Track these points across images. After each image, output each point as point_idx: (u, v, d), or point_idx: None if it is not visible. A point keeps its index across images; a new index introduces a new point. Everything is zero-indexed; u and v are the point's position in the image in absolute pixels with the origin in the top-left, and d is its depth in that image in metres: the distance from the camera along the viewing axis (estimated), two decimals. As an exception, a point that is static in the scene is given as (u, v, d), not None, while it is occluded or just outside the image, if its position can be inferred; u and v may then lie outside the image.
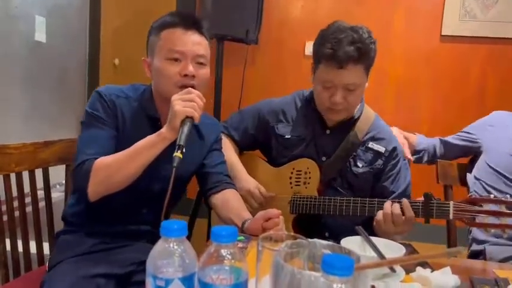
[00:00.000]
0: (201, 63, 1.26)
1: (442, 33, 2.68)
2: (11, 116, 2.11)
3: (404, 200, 1.32)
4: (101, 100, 1.27)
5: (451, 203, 1.28)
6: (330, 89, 1.41)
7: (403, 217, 1.30)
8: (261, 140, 1.63)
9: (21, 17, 2.15)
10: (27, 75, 2.23)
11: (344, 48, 1.34)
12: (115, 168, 1.18)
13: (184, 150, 1.11)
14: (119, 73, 2.86)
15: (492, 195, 1.25)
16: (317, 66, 1.44)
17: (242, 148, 1.67)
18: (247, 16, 2.47)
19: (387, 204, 1.32)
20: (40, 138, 1.45)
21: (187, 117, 1.15)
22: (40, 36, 2.29)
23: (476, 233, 1.58)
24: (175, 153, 1.09)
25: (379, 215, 1.33)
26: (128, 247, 1.30)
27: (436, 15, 2.67)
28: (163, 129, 1.18)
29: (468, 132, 1.73)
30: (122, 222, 1.30)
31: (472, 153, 1.73)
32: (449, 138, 1.77)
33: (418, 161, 1.79)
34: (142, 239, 1.35)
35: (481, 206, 1.24)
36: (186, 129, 1.13)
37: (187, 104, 1.15)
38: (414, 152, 1.77)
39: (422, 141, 1.80)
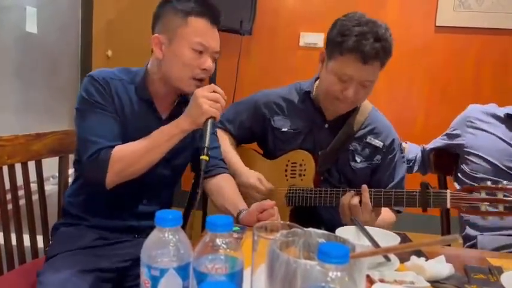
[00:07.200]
0: (214, 59, 1.30)
1: (437, 24, 2.68)
2: (2, 108, 2.08)
3: (363, 186, 1.32)
4: (95, 84, 1.24)
5: (448, 191, 1.27)
6: (345, 83, 1.35)
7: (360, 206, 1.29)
8: (257, 133, 1.60)
9: (12, 7, 2.12)
10: (19, 66, 2.21)
11: (370, 44, 1.29)
12: (134, 159, 1.19)
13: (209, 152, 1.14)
14: (111, 64, 2.82)
15: (489, 182, 1.24)
16: (335, 57, 1.35)
17: (239, 141, 1.65)
18: (241, 6, 2.45)
19: (346, 196, 1.32)
20: (32, 131, 1.43)
21: (211, 116, 1.17)
22: (31, 27, 2.26)
23: (469, 230, 1.57)
24: (202, 156, 1.12)
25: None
26: (127, 242, 1.30)
27: (431, 6, 2.67)
28: (183, 122, 1.19)
29: (447, 134, 1.68)
30: (121, 216, 1.29)
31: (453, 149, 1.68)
32: (430, 143, 1.73)
33: (408, 170, 1.72)
34: (142, 234, 1.34)
35: (478, 193, 1.24)
36: (209, 129, 1.16)
37: (213, 104, 1.17)
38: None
39: (413, 150, 1.76)
